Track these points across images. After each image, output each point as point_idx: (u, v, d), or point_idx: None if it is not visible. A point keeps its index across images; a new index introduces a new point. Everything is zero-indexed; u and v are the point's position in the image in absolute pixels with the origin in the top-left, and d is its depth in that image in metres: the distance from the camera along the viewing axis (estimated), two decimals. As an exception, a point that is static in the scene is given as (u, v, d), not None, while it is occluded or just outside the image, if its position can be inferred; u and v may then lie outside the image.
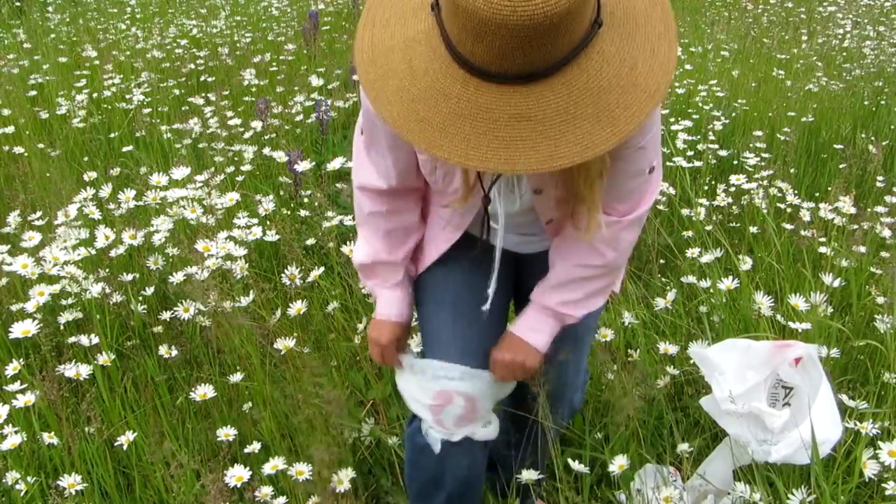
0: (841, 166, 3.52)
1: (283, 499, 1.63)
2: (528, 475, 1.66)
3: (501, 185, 1.39)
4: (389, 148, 1.38)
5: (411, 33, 1.10)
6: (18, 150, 3.51)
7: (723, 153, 3.50)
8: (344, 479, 1.69)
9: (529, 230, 1.52)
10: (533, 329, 1.48)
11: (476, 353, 1.53)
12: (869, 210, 2.80)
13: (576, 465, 1.72)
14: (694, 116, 3.83)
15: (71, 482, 1.70)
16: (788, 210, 2.78)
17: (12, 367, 1.94)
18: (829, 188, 2.94)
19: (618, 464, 1.68)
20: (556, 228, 1.48)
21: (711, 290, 2.34)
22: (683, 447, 1.80)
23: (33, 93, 4.46)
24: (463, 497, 1.65)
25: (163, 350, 2.15)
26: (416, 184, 1.47)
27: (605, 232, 1.37)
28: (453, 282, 1.57)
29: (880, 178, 3.23)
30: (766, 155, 3.36)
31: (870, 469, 1.63)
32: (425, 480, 1.63)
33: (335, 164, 2.76)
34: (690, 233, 2.73)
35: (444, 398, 1.52)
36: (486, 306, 1.50)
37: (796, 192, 2.98)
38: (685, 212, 2.91)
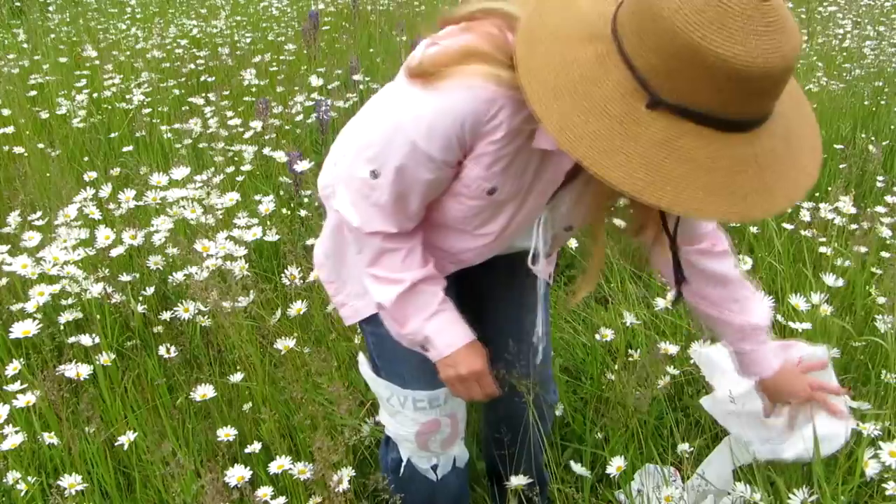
0: (841, 166, 3.51)
1: (283, 499, 1.62)
2: (518, 481, 1.65)
3: (540, 225, 1.36)
4: (423, 196, 1.27)
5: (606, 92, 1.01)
6: (18, 150, 3.51)
7: (723, 153, 3.49)
8: (344, 478, 1.68)
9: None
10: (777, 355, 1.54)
11: None
12: (869, 210, 2.79)
13: (577, 468, 1.72)
14: (694, 116, 3.82)
15: (71, 482, 1.70)
16: (788, 210, 2.78)
17: (12, 367, 1.93)
18: (829, 188, 2.94)
19: (616, 465, 1.68)
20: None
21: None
22: (684, 447, 1.80)
23: (33, 93, 4.46)
24: None
25: (163, 350, 2.15)
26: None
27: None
28: None
29: (880, 178, 3.23)
30: (766, 155, 3.36)
31: (871, 469, 1.63)
32: (417, 503, 1.62)
33: (335, 164, 2.75)
34: (690, 233, 2.72)
35: (432, 427, 1.51)
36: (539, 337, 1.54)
37: (796, 192, 2.97)
38: (685, 212, 2.91)
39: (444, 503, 1.63)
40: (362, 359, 1.58)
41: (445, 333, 1.34)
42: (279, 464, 1.71)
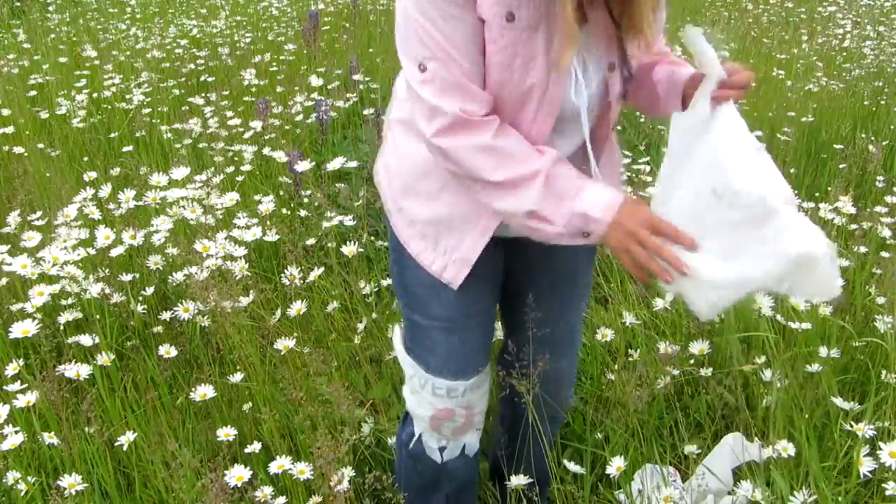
0: (841, 166, 3.52)
1: (283, 499, 1.63)
2: (518, 480, 1.66)
3: (580, 65, 1.31)
4: (469, 53, 1.24)
5: None
6: (18, 150, 3.50)
7: (723, 153, 3.49)
8: (344, 478, 1.69)
9: None
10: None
11: (476, 362, 1.53)
12: (869, 210, 2.79)
13: (572, 466, 1.72)
14: (694, 116, 3.81)
15: (71, 482, 1.70)
16: (788, 210, 2.78)
17: (12, 367, 1.93)
18: (829, 188, 2.94)
19: (616, 465, 1.68)
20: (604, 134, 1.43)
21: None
22: (691, 448, 1.80)
23: (33, 93, 4.46)
24: (461, 495, 1.68)
25: (163, 350, 2.15)
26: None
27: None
28: (453, 296, 1.48)
29: (880, 178, 3.23)
30: (766, 155, 3.36)
31: (865, 466, 1.63)
32: (422, 485, 1.66)
33: (335, 164, 2.76)
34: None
35: (447, 414, 1.54)
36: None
37: (796, 191, 2.97)
38: (685, 212, 2.91)
39: (449, 487, 1.65)
40: (397, 331, 1.61)
41: (600, 200, 1.26)
42: (279, 464, 1.71)
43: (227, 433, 1.78)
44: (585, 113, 1.32)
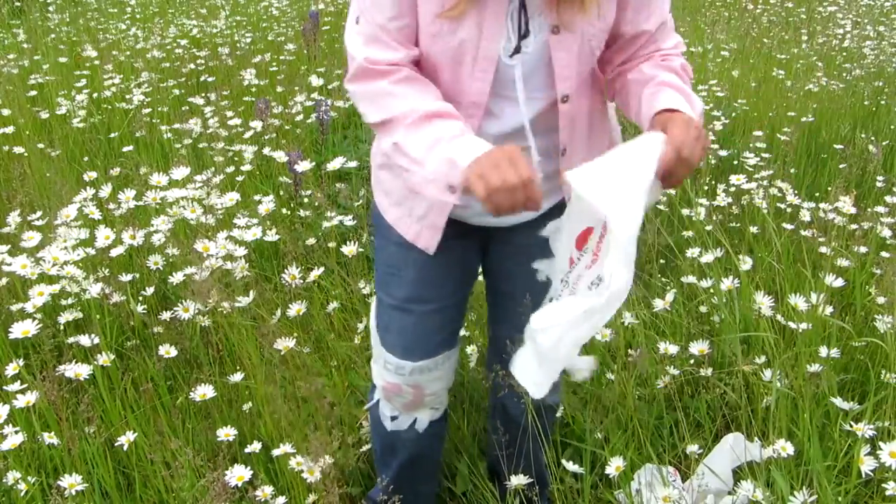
0: (841, 166, 3.52)
1: (283, 499, 1.63)
2: (517, 481, 1.67)
3: (512, 23, 1.29)
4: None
5: None
6: (18, 150, 3.50)
7: (723, 153, 3.50)
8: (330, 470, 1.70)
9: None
10: (676, 100, 1.30)
11: (427, 346, 1.58)
12: (869, 210, 2.79)
13: (571, 466, 1.72)
14: (694, 116, 3.81)
15: (71, 482, 1.70)
16: (788, 210, 2.78)
17: (12, 367, 1.93)
18: (829, 188, 2.94)
19: (616, 465, 1.68)
20: (569, 127, 1.39)
21: (712, 290, 2.34)
22: (693, 448, 1.80)
23: (33, 93, 4.46)
24: (415, 466, 1.76)
25: (163, 350, 2.15)
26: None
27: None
28: (416, 275, 1.53)
29: (880, 178, 3.23)
30: (766, 155, 3.36)
31: (866, 465, 1.63)
32: (382, 447, 1.76)
33: (335, 164, 2.76)
34: (691, 233, 2.73)
35: (395, 389, 1.62)
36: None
37: (796, 192, 2.98)
38: (685, 212, 2.91)
39: (402, 455, 1.73)
40: (373, 304, 1.67)
41: (473, 151, 1.21)
42: (283, 449, 1.72)
43: (227, 433, 1.78)
44: (520, 74, 1.32)
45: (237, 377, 2.02)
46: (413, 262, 1.53)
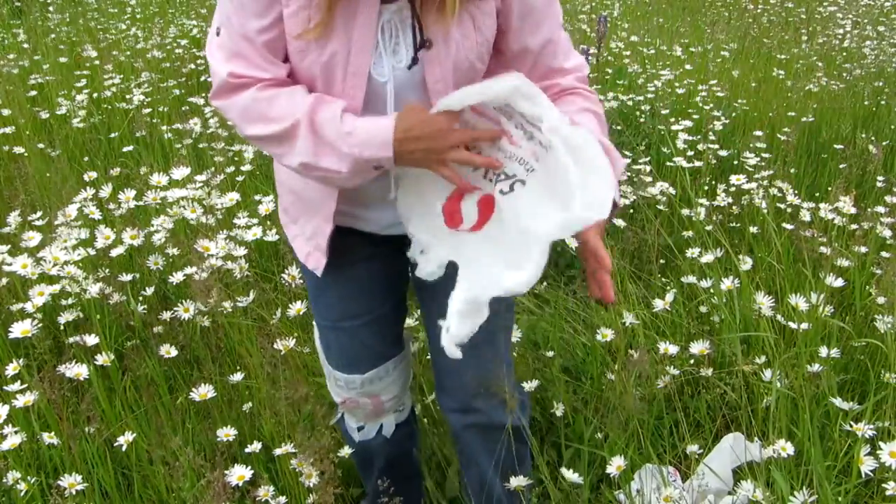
0: (841, 166, 3.52)
1: (283, 499, 1.63)
2: (517, 482, 1.65)
3: (387, 38, 1.25)
4: (266, 13, 1.21)
5: None
6: (18, 150, 3.50)
7: (723, 153, 3.50)
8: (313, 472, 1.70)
9: None
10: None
11: (371, 357, 1.57)
12: (869, 210, 2.80)
13: (569, 474, 1.70)
14: (694, 116, 3.82)
15: (71, 482, 1.70)
16: (788, 210, 2.78)
17: (12, 367, 1.93)
18: (829, 188, 2.94)
19: (616, 465, 1.68)
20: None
21: (712, 290, 2.34)
22: (693, 448, 1.80)
23: (33, 93, 4.46)
24: (394, 468, 1.75)
25: (163, 350, 2.15)
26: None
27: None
28: (338, 294, 1.51)
29: (880, 178, 3.23)
30: (766, 155, 3.36)
31: (866, 465, 1.63)
32: (358, 458, 1.77)
33: (335, 164, 2.75)
34: (690, 233, 2.73)
35: (352, 403, 1.62)
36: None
37: (796, 192, 2.98)
38: (685, 212, 2.91)
39: (379, 462, 1.74)
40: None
41: (374, 131, 1.21)
42: (285, 449, 1.72)
43: (227, 433, 1.78)
44: (391, 89, 1.26)
45: (237, 377, 2.02)
46: (332, 282, 1.50)
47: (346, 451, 1.71)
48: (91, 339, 2.04)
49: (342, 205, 1.40)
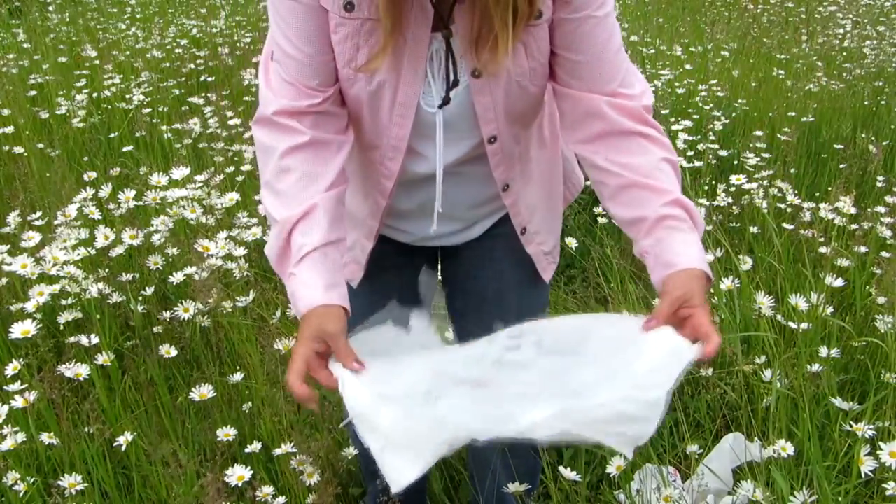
0: (841, 166, 3.52)
1: (282, 499, 1.63)
2: (516, 486, 1.65)
3: (435, 65, 1.22)
4: (317, 39, 1.19)
5: None
6: (18, 150, 3.50)
7: (723, 153, 3.50)
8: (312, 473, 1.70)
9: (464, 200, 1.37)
10: (690, 252, 1.18)
11: None
12: (869, 210, 2.80)
13: (567, 473, 1.70)
14: (694, 116, 3.83)
15: (71, 482, 1.70)
16: (788, 210, 2.78)
17: (12, 367, 1.93)
18: (830, 188, 2.94)
19: (615, 465, 1.68)
20: (504, 164, 1.32)
21: (712, 290, 2.34)
22: (693, 448, 1.80)
23: (33, 93, 4.46)
24: None
25: (163, 350, 2.15)
26: (339, 112, 1.27)
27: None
28: (368, 300, 1.40)
29: (880, 178, 3.23)
30: (766, 155, 3.36)
31: (866, 465, 1.63)
32: (364, 459, 1.75)
33: (335, 163, 2.75)
34: (690, 233, 2.72)
35: None
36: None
37: (796, 192, 2.98)
38: (685, 212, 2.91)
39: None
40: None
41: (305, 288, 1.18)
42: (284, 449, 1.72)
43: (227, 433, 1.78)
44: (440, 120, 1.24)
45: (237, 377, 2.02)
46: (360, 291, 1.47)
47: (349, 451, 1.72)
48: (91, 339, 2.04)
49: (385, 220, 1.40)
